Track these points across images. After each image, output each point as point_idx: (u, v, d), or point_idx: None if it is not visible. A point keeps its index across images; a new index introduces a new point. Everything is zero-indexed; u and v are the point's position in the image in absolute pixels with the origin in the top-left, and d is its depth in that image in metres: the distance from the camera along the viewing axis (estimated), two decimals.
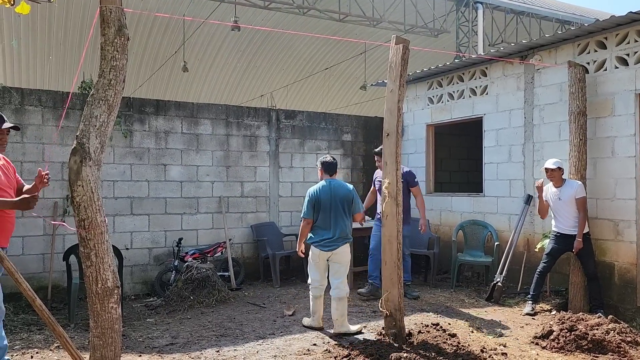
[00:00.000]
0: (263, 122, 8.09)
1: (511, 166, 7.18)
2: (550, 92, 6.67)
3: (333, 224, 5.07)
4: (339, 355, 4.28)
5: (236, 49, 15.86)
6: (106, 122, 3.49)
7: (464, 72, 7.92)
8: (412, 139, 8.82)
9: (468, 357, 4.15)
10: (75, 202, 3.35)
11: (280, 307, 6.14)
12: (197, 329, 5.20)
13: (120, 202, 6.92)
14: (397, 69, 4.74)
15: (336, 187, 5.19)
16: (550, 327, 4.79)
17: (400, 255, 4.65)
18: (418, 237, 7.85)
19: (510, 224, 7.14)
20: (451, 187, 9.81)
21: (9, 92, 6.33)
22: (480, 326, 5.29)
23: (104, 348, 3.45)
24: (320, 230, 5.09)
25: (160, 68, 15.53)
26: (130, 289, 6.90)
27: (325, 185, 5.21)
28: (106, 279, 3.42)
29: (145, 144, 7.13)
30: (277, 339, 4.81)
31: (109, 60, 3.49)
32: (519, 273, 6.76)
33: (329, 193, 5.14)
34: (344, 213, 5.14)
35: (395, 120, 4.72)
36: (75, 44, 14.54)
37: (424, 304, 6.26)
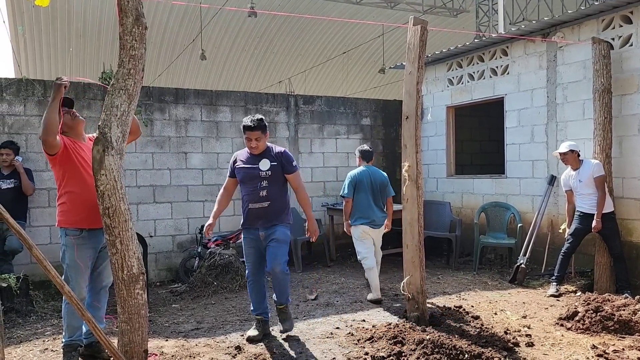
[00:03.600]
0: (282, 108, 8.09)
1: (534, 147, 7.07)
2: (573, 70, 6.52)
3: (374, 205, 5.74)
4: (362, 338, 4.30)
5: (253, 35, 15.83)
6: (127, 112, 3.52)
7: (484, 52, 7.79)
8: (432, 122, 8.73)
9: (492, 339, 4.13)
10: (99, 190, 3.41)
11: (303, 291, 6.18)
12: (222, 314, 5.27)
13: (143, 190, 7.02)
14: (415, 50, 4.68)
15: (374, 173, 5.86)
16: (576, 308, 4.74)
17: (421, 239, 4.64)
18: (440, 220, 7.82)
19: (533, 205, 7.05)
20: (472, 170, 9.70)
21: (32, 85, 6.43)
22: (503, 308, 5.26)
23: (131, 333, 3.53)
24: (362, 211, 5.72)
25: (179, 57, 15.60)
26: (155, 275, 7.02)
27: (365, 170, 5.83)
28: (131, 265, 3.48)
29: (166, 133, 7.20)
30: (300, 323, 4.86)
31: (128, 50, 3.51)
32: (543, 254, 6.69)
33: (368, 177, 5.78)
34: (380, 196, 5.81)
35: (414, 103, 4.67)
36: (95, 35, 14.69)
37: (447, 287, 6.25)
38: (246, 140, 4.30)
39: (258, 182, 4.27)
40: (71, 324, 3.72)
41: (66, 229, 3.70)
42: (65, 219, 3.72)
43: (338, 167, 8.57)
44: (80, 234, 3.70)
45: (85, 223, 3.70)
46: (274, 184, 4.32)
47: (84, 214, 3.69)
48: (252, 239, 4.40)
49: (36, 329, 4.82)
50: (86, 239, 3.71)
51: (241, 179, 4.38)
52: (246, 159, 4.39)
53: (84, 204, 3.67)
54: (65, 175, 3.71)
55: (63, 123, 3.77)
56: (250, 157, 4.37)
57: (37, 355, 4.08)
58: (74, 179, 3.70)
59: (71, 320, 3.71)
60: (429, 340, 3.92)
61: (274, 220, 4.34)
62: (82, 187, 3.69)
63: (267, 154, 4.35)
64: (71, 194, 3.72)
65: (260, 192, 4.27)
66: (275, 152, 4.40)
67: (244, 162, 4.38)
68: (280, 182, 4.39)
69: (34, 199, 6.27)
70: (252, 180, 4.30)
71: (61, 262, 3.75)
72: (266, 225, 4.32)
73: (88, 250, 3.74)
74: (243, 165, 4.37)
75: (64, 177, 3.72)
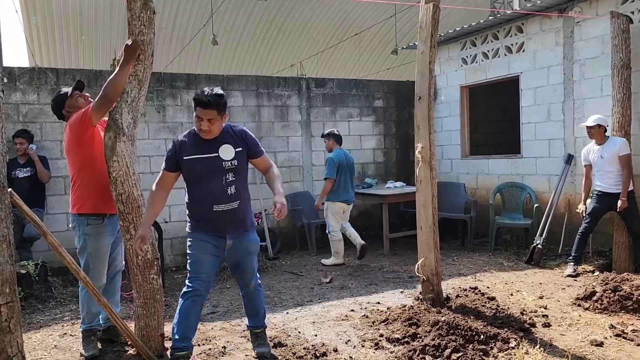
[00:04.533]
0: (293, 91, 8.04)
1: (550, 125, 6.95)
2: (591, 46, 6.36)
3: (350, 184, 6.68)
4: (376, 321, 4.30)
5: (264, 19, 15.70)
6: (137, 97, 3.53)
7: (498, 30, 7.63)
8: (445, 102, 8.62)
9: (508, 320, 4.10)
10: (112, 177, 3.43)
11: (317, 275, 6.20)
12: (237, 298, 5.30)
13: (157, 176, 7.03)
14: (427, 29, 4.59)
15: (347, 155, 6.76)
16: (593, 288, 4.69)
17: (435, 221, 4.60)
18: (455, 201, 7.76)
19: (550, 185, 6.95)
20: (487, 150, 9.57)
21: (44, 73, 6.46)
22: (520, 289, 5.22)
23: (147, 317, 3.58)
24: (343, 190, 6.57)
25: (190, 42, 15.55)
26: (170, 260, 7.09)
27: (342, 153, 6.67)
28: (146, 251, 3.52)
29: (178, 119, 7.20)
30: (315, 306, 4.88)
31: (137, 35, 3.51)
32: (560, 235, 6.61)
33: (345, 159, 6.63)
34: (352, 176, 6.77)
35: (427, 83, 4.60)
36: (107, 22, 14.69)
37: (462, 268, 6.21)
38: (196, 119, 3.25)
39: (222, 177, 3.29)
40: (90, 310, 3.75)
41: (87, 218, 3.65)
42: (87, 204, 3.65)
43: (351, 150, 8.49)
44: (102, 223, 3.68)
45: (106, 208, 3.67)
46: (240, 176, 3.39)
47: (105, 198, 3.63)
48: (212, 245, 3.41)
49: (55, 314, 4.90)
50: (107, 226, 3.71)
51: (196, 174, 3.32)
52: (198, 145, 3.31)
53: (107, 187, 3.56)
54: (91, 154, 3.61)
55: (77, 106, 3.76)
56: (203, 143, 3.31)
57: (57, 340, 4.15)
58: (98, 160, 3.60)
59: (90, 307, 3.74)
60: (444, 321, 3.91)
61: (245, 224, 3.47)
62: (104, 170, 3.54)
63: (226, 138, 3.35)
64: (95, 175, 3.63)
65: (228, 190, 3.30)
66: (237, 132, 3.43)
67: (196, 150, 3.30)
68: (245, 173, 3.46)
69: (50, 186, 6.33)
70: (214, 175, 3.29)
71: (78, 252, 3.74)
72: (236, 233, 3.42)
73: (109, 237, 3.75)
74: (197, 155, 3.29)
75: (88, 156, 3.62)
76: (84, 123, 3.55)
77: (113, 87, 3.39)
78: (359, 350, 3.74)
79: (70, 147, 3.68)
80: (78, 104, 3.77)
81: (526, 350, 3.57)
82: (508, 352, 3.58)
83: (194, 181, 3.38)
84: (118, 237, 3.82)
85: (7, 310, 2.49)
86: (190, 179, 3.39)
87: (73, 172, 3.72)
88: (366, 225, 8.36)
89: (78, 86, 3.86)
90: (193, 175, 3.35)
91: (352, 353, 3.68)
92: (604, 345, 3.68)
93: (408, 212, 7.97)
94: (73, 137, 3.63)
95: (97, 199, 3.65)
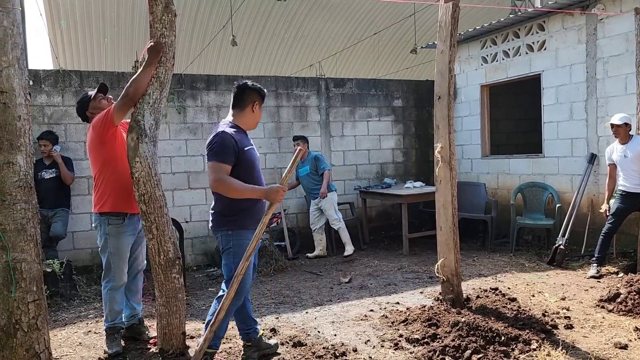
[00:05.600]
0: (312, 91, 8.06)
1: (573, 124, 6.85)
2: (615, 43, 6.26)
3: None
4: (395, 321, 4.30)
5: (283, 19, 15.76)
6: (159, 99, 3.58)
7: (519, 28, 7.55)
8: (465, 101, 8.55)
9: (529, 321, 4.06)
10: (134, 177, 3.48)
11: (337, 274, 6.21)
12: (257, 297, 5.35)
13: (178, 177, 7.14)
14: (447, 28, 4.57)
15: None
16: (617, 290, 4.61)
17: (455, 221, 4.57)
18: (475, 201, 7.70)
19: (572, 185, 6.86)
20: (508, 149, 9.49)
21: (68, 75, 6.59)
22: (541, 290, 5.16)
23: (169, 316, 3.62)
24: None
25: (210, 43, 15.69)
26: (191, 260, 7.17)
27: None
28: (167, 250, 3.57)
29: (199, 119, 7.28)
30: (334, 306, 4.89)
31: (158, 38, 3.55)
32: (583, 235, 6.51)
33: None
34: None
35: (447, 83, 4.57)
36: (128, 24, 14.90)
37: (483, 269, 6.16)
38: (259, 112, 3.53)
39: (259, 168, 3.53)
40: (113, 308, 3.83)
41: (108, 218, 3.73)
42: (108, 202, 3.72)
43: (370, 150, 8.51)
44: (122, 222, 3.75)
45: (127, 207, 3.74)
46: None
47: (126, 197, 3.70)
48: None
49: (80, 312, 5.00)
50: (127, 226, 3.79)
51: (253, 164, 3.44)
52: (245, 137, 3.48)
53: (128, 186, 3.60)
54: (114, 152, 3.69)
55: (100, 108, 3.85)
56: (246, 135, 3.51)
57: (81, 337, 4.23)
58: (119, 160, 3.67)
59: (113, 305, 3.82)
60: (464, 322, 3.88)
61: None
62: (127, 168, 3.57)
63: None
64: (117, 173, 3.70)
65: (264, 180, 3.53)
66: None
67: (248, 142, 3.45)
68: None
69: (75, 187, 6.45)
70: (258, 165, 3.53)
71: (100, 251, 3.83)
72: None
73: (129, 237, 3.82)
74: (251, 146, 3.45)
75: (110, 155, 3.69)
76: (106, 122, 3.64)
77: (135, 88, 3.45)
78: (379, 350, 3.74)
79: (93, 146, 3.77)
80: (101, 106, 3.85)
81: (548, 352, 3.53)
82: (529, 353, 3.54)
83: (251, 172, 3.40)
84: (139, 237, 3.88)
85: (34, 307, 2.55)
86: (248, 170, 3.39)
87: (95, 172, 3.81)
88: (385, 225, 8.36)
89: (101, 89, 3.95)
90: (251, 165, 3.40)
91: (372, 353, 3.69)
92: (629, 348, 3.62)
93: (427, 212, 7.93)
94: (95, 136, 3.71)
95: (118, 198, 3.72)
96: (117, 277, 3.78)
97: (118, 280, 3.80)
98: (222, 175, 3.24)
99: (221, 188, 3.27)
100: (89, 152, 3.85)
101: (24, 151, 2.55)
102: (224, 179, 3.23)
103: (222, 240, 3.45)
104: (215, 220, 3.48)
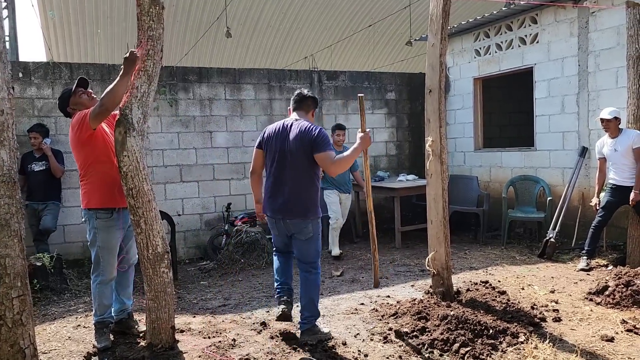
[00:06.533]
0: (305, 84, 8.04)
1: (564, 117, 6.86)
2: (606, 37, 6.25)
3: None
4: (385, 314, 4.31)
5: (278, 10, 15.67)
6: (147, 93, 3.56)
7: (512, 21, 7.53)
8: (458, 94, 8.54)
9: (518, 314, 4.08)
10: (122, 172, 3.47)
11: (329, 268, 6.22)
12: (248, 291, 5.36)
13: (170, 170, 7.12)
14: (438, 21, 4.55)
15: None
16: (606, 283, 4.64)
17: (446, 214, 4.58)
18: (467, 194, 7.72)
19: (563, 178, 6.88)
20: (501, 142, 9.50)
21: (58, 68, 6.54)
22: (531, 283, 5.19)
23: (158, 310, 3.63)
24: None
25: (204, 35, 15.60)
26: (184, 253, 7.16)
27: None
28: (156, 245, 3.56)
29: (191, 112, 7.25)
30: (325, 299, 4.90)
31: (146, 31, 3.53)
32: (574, 228, 6.54)
33: None
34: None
35: (438, 76, 4.56)
36: (122, 16, 14.78)
37: (474, 262, 6.19)
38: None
39: None
40: (102, 303, 3.82)
41: (96, 212, 3.72)
42: (94, 199, 3.72)
43: None
44: (110, 216, 3.74)
45: (114, 202, 3.73)
46: None
47: (112, 192, 3.69)
48: None
49: (69, 306, 4.99)
50: (116, 220, 3.77)
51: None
52: None
53: (113, 182, 3.65)
54: (94, 153, 3.69)
55: (80, 103, 3.81)
56: None
57: (70, 332, 4.23)
58: (103, 156, 3.69)
59: (102, 300, 3.81)
60: (453, 315, 3.90)
61: None
62: (110, 165, 3.66)
63: None
64: (100, 172, 3.70)
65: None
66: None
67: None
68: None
69: (65, 180, 6.42)
70: None
71: (89, 245, 3.81)
72: None
73: (118, 231, 3.80)
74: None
75: (91, 156, 3.69)
76: (82, 126, 3.64)
77: (110, 98, 3.46)
78: (368, 343, 3.76)
79: (73, 146, 3.77)
80: (82, 101, 3.82)
81: (535, 345, 3.56)
82: (517, 346, 3.57)
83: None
84: (130, 231, 3.87)
85: (19, 303, 2.54)
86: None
87: (79, 169, 3.80)
88: (378, 218, 8.33)
89: (81, 83, 3.89)
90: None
91: (361, 347, 3.70)
92: (615, 341, 3.65)
93: (420, 205, 7.94)
94: (74, 137, 3.71)
95: (104, 194, 3.71)
96: (107, 271, 3.77)
97: (107, 274, 3.79)
98: (334, 159, 3.68)
99: (340, 168, 3.74)
100: (72, 150, 3.82)
101: (7, 146, 2.53)
102: (336, 161, 3.67)
103: (313, 227, 3.79)
104: (307, 210, 3.77)
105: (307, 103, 4.06)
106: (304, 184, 3.74)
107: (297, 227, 3.78)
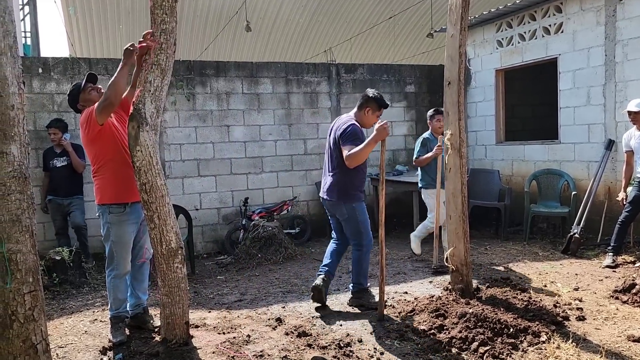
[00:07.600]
0: (323, 77, 7.95)
1: (590, 109, 6.65)
2: (635, 25, 6.03)
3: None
4: (403, 311, 4.24)
5: (297, 4, 15.58)
6: (160, 87, 3.53)
7: (536, 10, 7.32)
8: (479, 86, 8.36)
9: (540, 312, 3.96)
10: (135, 166, 3.45)
11: (346, 263, 6.14)
12: (265, 286, 5.33)
13: (188, 164, 7.12)
14: (457, 11, 4.43)
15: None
16: (633, 280, 4.48)
17: (465, 210, 4.47)
18: (488, 188, 7.56)
19: (589, 172, 6.68)
20: (523, 135, 9.27)
21: (77, 63, 6.58)
22: (554, 280, 5.04)
23: (172, 305, 3.61)
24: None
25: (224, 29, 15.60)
26: (201, 247, 7.17)
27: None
28: (170, 240, 3.54)
29: (208, 106, 7.23)
30: (341, 295, 4.84)
31: (159, 24, 3.51)
32: (599, 224, 6.35)
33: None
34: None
35: (457, 67, 4.44)
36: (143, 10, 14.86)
37: (495, 258, 6.06)
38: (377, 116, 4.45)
39: None
40: (117, 297, 3.83)
41: (109, 206, 3.73)
42: (107, 194, 3.73)
43: None
44: (123, 211, 3.74)
45: (126, 197, 3.74)
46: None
47: (125, 187, 3.70)
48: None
49: (87, 300, 5.03)
50: (129, 214, 3.77)
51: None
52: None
53: (125, 176, 3.66)
54: (104, 149, 3.69)
55: (90, 99, 3.80)
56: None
57: (87, 326, 4.25)
58: (114, 151, 3.69)
59: (116, 294, 3.82)
60: (471, 313, 3.81)
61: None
62: (121, 160, 3.69)
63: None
64: (112, 167, 3.71)
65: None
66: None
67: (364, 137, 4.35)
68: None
69: (86, 174, 6.45)
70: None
71: (103, 239, 3.83)
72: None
73: (132, 226, 3.80)
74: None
75: (102, 152, 3.70)
76: (90, 123, 3.64)
77: (112, 91, 3.48)
78: (384, 341, 3.69)
79: (84, 143, 3.79)
80: (91, 98, 3.80)
81: (558, 344, 3.45)
82: (538, 346, 3.46)
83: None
84: (144, 225, 3.86)
85: (30, 299, 2.54)
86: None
87: (92, 165, 3.82)
88: (396, 213, 8.24)
89: (90, 78, 3.88)
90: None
91: (377, 344, 3.63)
92: None
93: None
94: (83, 135, 3.73)
95: (117, 189, 3.71)
96: (121, 265, 3.77)
97: (122, 268, 3.79)
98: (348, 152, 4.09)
99: (354, 162, 4.11)
100: (84, 147, 3.85)
101: (18, 141, 2.51)
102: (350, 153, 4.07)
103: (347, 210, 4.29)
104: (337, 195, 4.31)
105: (361, 102, 4.45)
106: (336, 172, 4.30)
107: (333, 208, 4.40)
